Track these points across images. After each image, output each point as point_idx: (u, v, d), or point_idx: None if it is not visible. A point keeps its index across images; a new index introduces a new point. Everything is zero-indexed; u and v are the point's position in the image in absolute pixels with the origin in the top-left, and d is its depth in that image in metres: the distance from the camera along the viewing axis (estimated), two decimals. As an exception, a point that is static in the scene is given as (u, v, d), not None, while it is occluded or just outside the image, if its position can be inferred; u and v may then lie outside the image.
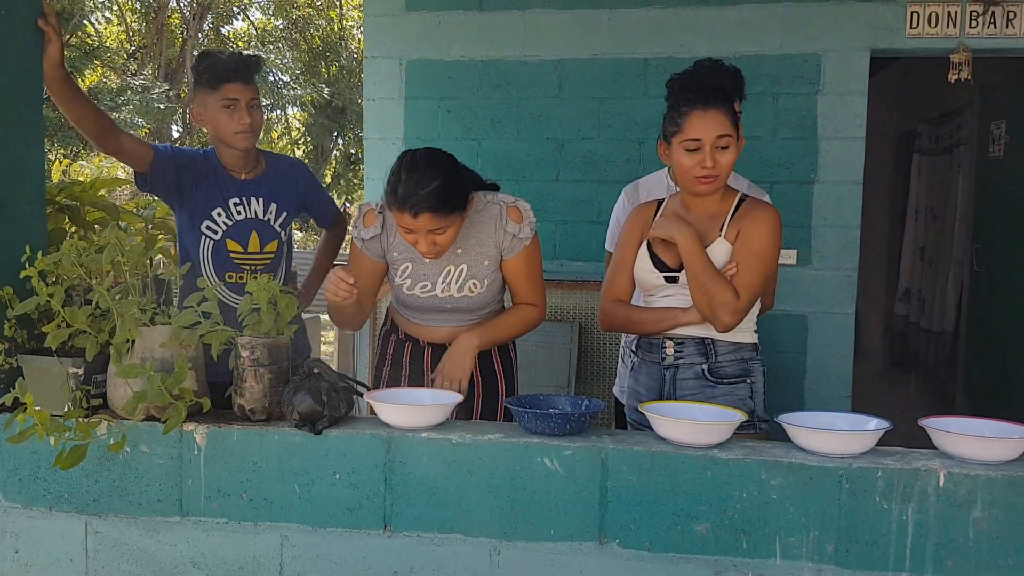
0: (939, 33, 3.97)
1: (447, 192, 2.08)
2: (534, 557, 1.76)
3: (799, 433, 1.71)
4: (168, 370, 1.84)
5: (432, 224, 2.09)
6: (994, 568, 1.61)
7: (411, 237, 2.14)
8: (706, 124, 2.11)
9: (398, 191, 2.08)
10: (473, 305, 2.32)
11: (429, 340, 2.38)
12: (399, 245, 2.28)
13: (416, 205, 2.05)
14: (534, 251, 2.31)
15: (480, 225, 2.27)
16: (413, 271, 2.29)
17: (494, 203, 2.28)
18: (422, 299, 2.31)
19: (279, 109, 17.08)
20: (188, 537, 1.89)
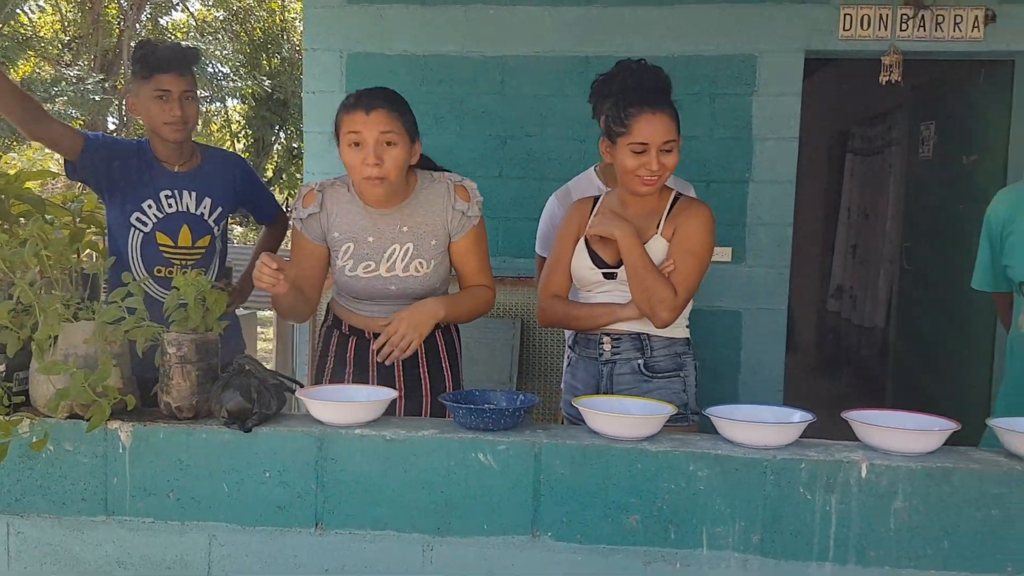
0: (871, 35, 4.06)
1: (400, 101, 2.13)
2: (467, 552, 1.77)
3: (726, 425, 1.74)
4: (92, 367, 1.79)
5: (384, 122, 2.07)
6: (914, 557, 1.66)
7: (357, 154, 2.10)
8: (654, 128, 2.15)
9: (351, 98, 2.12)
10: (419, 288, 2.27)
11: (375, 330, 2.30)
12: (340, 224, 2.24)
13: (371, 99, 2.09)
14: (482, 231, 2.31)
15: (427, 203, 2.24)
16: (355, 251, 2.24)
17: (441, 181, 2.27)
18: (365, 280, 2.25)
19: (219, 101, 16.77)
20: (114, 537, 1.85)
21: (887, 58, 4.04)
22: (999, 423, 1.74)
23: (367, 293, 2.28)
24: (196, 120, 2.63)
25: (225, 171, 2.73)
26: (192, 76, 2.60)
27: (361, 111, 2.09)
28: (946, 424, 1.72)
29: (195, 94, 2.61)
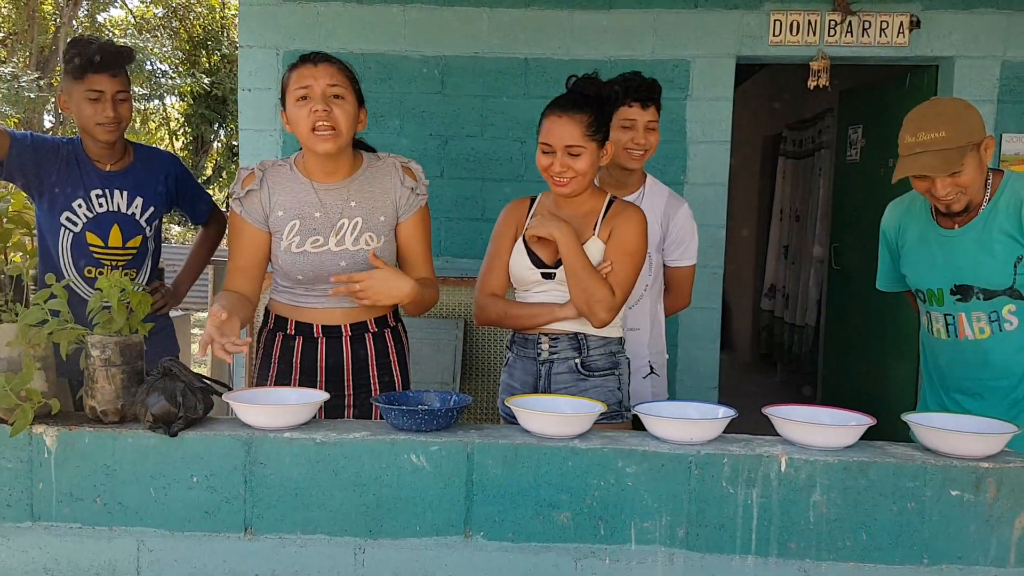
0: (800, 41, 4.17)
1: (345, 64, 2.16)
2: (400, 554, 1.77)
3: (652, 422, 1.78)
4: (15, 370, 1.76)
5: (332, 76, 2.09)
6: (833, 549, 1.71)
7: (305, 107, 2.07)
8: (557, 130, 2.20)
9: (299, 58, 2.13)
10: (369, 267, 2.16)
11: (323, 323, 2.24)
12: (284, 202, 2.18)
13: (317, 57, 2.11)
14: (427, 216, 2.32)
15: (375, 180, 2.23)
16: (302, 227, 2.18)
17: (388, 160, 2.28)
18: (313, 256, 2.17)
19: (157, 99, 16.41)
20: (40, 543, 1.81)
21: (815, 63, 4.15)
22: (913, 418, 1.81)
23: (314, 272, 2.19)
24: (129, 120, 2.60)
25: (158, 170, 2.69)
26: (126, 76, 2.57)
27: (309, 64, 2.11)
28: (862, 419, 1.78)
29: (129, 94, 2.58)
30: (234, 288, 2.21)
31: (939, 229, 2.38)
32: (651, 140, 2.62)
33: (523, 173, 4.26)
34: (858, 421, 1.78)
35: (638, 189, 2.71)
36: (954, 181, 2.22)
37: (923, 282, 2.42)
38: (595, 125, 2.21)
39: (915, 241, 2.44)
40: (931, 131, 2.18)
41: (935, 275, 2.38)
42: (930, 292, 2.40)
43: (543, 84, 4.24)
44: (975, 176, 2.23)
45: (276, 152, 4.34)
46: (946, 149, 2.17)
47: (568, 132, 2.19)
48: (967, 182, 2.22)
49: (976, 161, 2.22)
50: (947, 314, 2.37)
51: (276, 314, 2.31)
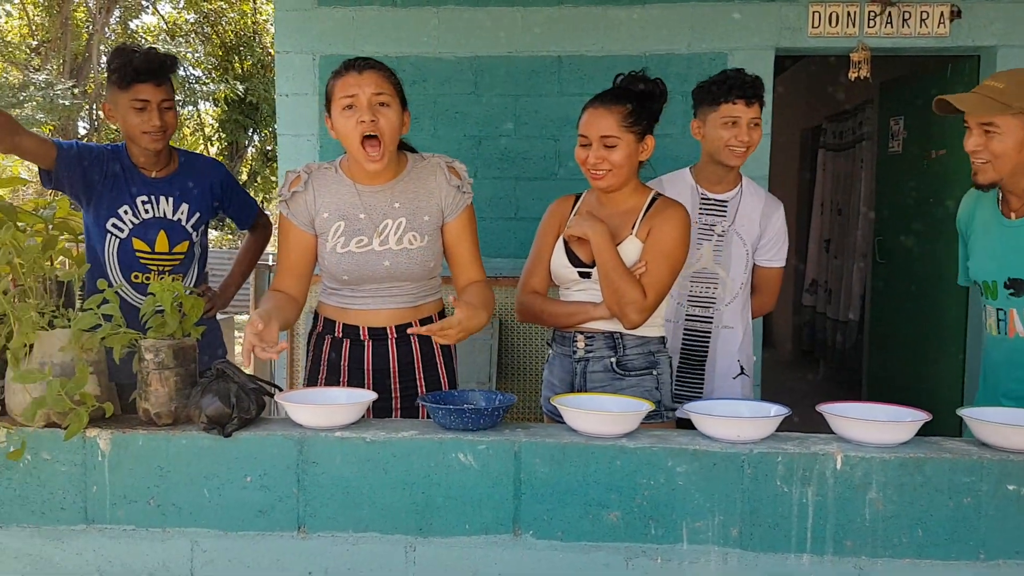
0: (839, 32, 4.12)
1: (389, 67, 2.16)
2: (450, 552, 1.77)
3: (703, 421, 1.76)
4: (68, 375, 1.78)
5: (377, 83, 2.10)
6: (889, 547, 1.69)
7: (351, 117, 2.09)
8: (593, 122, 2.22)
9: (342, 65, 2.14)
10: (412, 266, 2.21)
11: (368, 325, 2.27)
12: (329, 204, 2.21)
13: (362, 63, 2.12)
14: (474, 215, 2.32)
15: (419, 180, 2.24)
16: (347, 228, 2.20)
17: (432, 159, 2.29)
18: (358, 256, 2.19)
19: (191, 105, 16.63)
20: (94, 545, 1.83)
21: (855, 55, 4.10)
22: (968, 412, 1.78)
23: (359, 272, 2.21)
24: (175, 127, 2.63)
25: (203, 176, 2.72)
26: (170, 84, 2.60)
27: (354, 72, 2.11)
28: (917, 415, 1.75)
29: (173, 102, 2.61)
30: (281, 288, 2.25)
31: (1002, 219, 2.27)
32: (754, 137, 2.60)
33: (557, 171, 4.25)
34: (913, 417, 1.75)
35: (735, 187, 2.70)
36: (986, 144, 2.10)
37: (980, 273, 2.33)
38: (632, 117, 2.21)
39: (980, 229, 2.35)
40: (996, 80, 2.10)
41: (992, 266, 2.29)
42: (985, 284, 2.31)
43: (577, 82, 4.23)
44: (1011, 150, 2.09)
45: (314, 156, 4.37)
46: (990, 98, 2.07)
47: (604, 123, 2.20)
48: (999, 150, 2.10)
49: (1021, 134, 2.08)
50: (999, 308, 2.28)
51: (325, 317, 2.33)
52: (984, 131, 2.10)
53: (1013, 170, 2.14)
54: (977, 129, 2.11)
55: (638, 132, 2.23)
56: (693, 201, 2.66)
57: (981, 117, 2.08)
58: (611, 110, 2.21)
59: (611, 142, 2.20)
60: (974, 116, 2.10)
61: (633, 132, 2.22)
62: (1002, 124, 2.08)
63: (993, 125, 2.08)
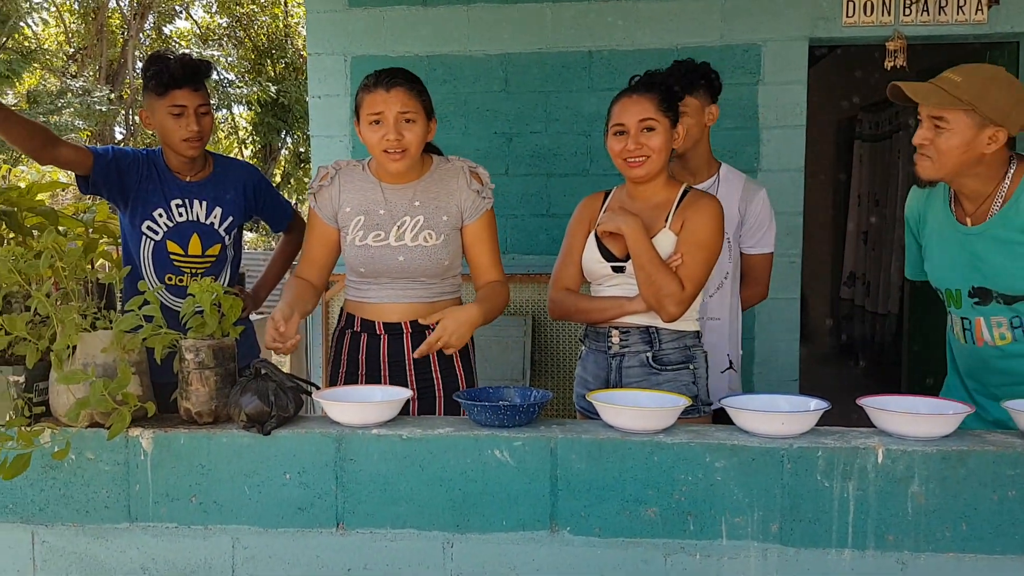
0: (874, 21, 4.06)
1: (417, 79, 2.22)
2: (487, 548, 1.78)
3: (741, 415, 1.75)
4: (111, 375, 1.81)
5: (404, 101, 2.15)
6: (932, 540, 1.66)
7: (378, 132, 2.16)
8: (628, 109, 2.22)
9: (370, 78, 2.19)
10: (426, 262, 2.27)
11: (383, 320, 2.33)
12: (352, 199, 2.30)
13: (389, 79, 2.16)
14: (493, 220, 2.35)
15: (441, 181, 2.30)
16: (366, 222, 2.29)
17: (456, 163, 2.34)
18: (375, 250, 2.27)
19: (225, 108, 16.83)
20: (137, 543, 1.87)
21: (891, 43, 4.03)
22: (1013, 405, 1.74)
23: (375, 265, 2.29)
24: (211, 132, 2.66)
25: (236, 181, 2.75)
26: (206, 90, 2.62)
27: (381, 89, 2.16)
28: (959, 407, 1.72)
29: (209, 107, 2.63)
30: (303, 275, 2.37)
31: (957, 225, 2.13)
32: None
33: (588, 167, 4.24)
34: (955, 410, 1.72)
35: (711, 177, 2.66)
36: (933, 139, 1.99)
37: (941, 281, 2.21)
38: (667, 101, 2.23)
39: (934, 234, 2.21)
40: (955, 73, 1.99)
41: (952, 275, 2.16)
42: (948, 292, 2.20)
43: (608, 76, 4.21)
44: (955, 148, 1.97)
45: (346, 157, 4.38)
46: (944, 90, 1.96)
47: (641, 108, 2.20)
48: (944, 147, 1.98)
49: (969, 134, 1.95)
50: (964, 318, 2.18)
51: (347, 312, 2.43)
52: (934, 125, 1.99)
53: (956, 170, 2.02)
54: (927, 122, 2.00)
55: (672, 118, 2.24)
56: None
57: (932, 110, 1.98)
58: (645, 96, 2.22)
59: (650, 124, 2.20)
60: (925, 107, 1.99)
61: (668, 117, 2.23)
62: (952, 120, 1.96)
63: (943, 120, 1.97)
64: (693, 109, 2.54)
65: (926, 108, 2.00)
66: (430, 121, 2.25)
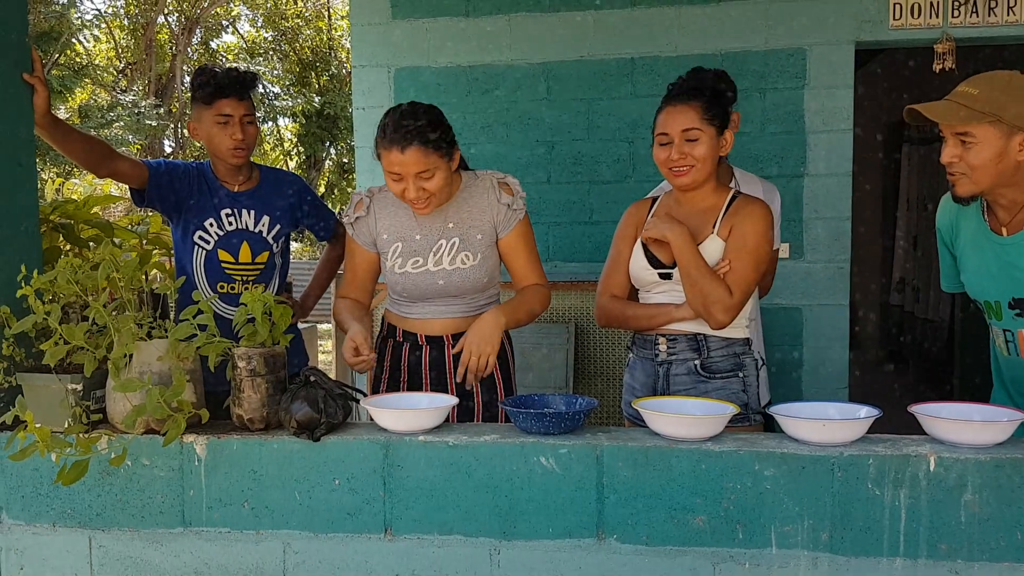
0: (922, 24, 4.00)
1: (434, 127, 2.15)
2: (534, 555, 1.79)
3: (791, 423, 1.73)
4: (166, 383, 1.86)
5: (420, 161, 2.12)
6: (986, 549, 1.63)
7: (399, 186, 2.17)
8: (672, 118, 2.20)
9: (387, 129, 2.15)
10: (465, 282, 2.32)
11: (426, 334, 2.38)
12: (388, 226, 2.33)
13: (404, 137, 2.11)
14: (528, 227, 2.36)
15: (472, 199, 2.31)
16: (404, 249, 2.32)
17: (484, 178, 2.34)
18: (415, 276, 2.32)
19: (271, 120, 17.10)
20: (191, 548, 1.91)
21: (939, 45, 3.97)
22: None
23: (417, 290, 2.34)
24: (255, 142, 2.72)
25: (282, 190, 2.81)
26: (251, 100, 2.68)
27: (396, 150, 2.13)
28: (1014, 415, 1.69)
29: (254, 117, 2.70)
30: (350, 295, 2.42)
31: (992, 235, 2.07)
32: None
33: (631, 174, 4.23)
34: (1009, 417, 1.69)
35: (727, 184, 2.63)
36: (963, 155, 1.92)
37: (980, 293, 2.14)
38: (711, 110, 2.20)
39: (968, 245, 2.15)
40: (970, 85, 1.93)
41: (992, 286, 2.09)
42: (987, 304, 2.13)
43: (650, 83, 4.20)
44: (989, 161, 1.90)
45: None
46: (964, 105, 1.89)
47: (685, 117, 2.18)
48: (976, 162, 1.90)
49: (999, 144, 1.89)
50: (1006, 330, 2.11)
51: (389, 323, 2.48)
52: (960, 141, 1.92)
53: (994, 182, 1.95)
54: (952, 139, 1.94)
55: (717, 126, 2.21)
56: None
57: (955, 127, 1.92)
58: (689, 105, 2.19)
59: (693, 135, 2.18)
60: (948, 126, 1.93)
61: (714, 125, 2.20)
62: (978, 134, 1.89)
63: (969, 135, 1.90)
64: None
65: (949, 126, 1.94)
66: (452, 156, 2.22)
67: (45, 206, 2.40)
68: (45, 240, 2.30)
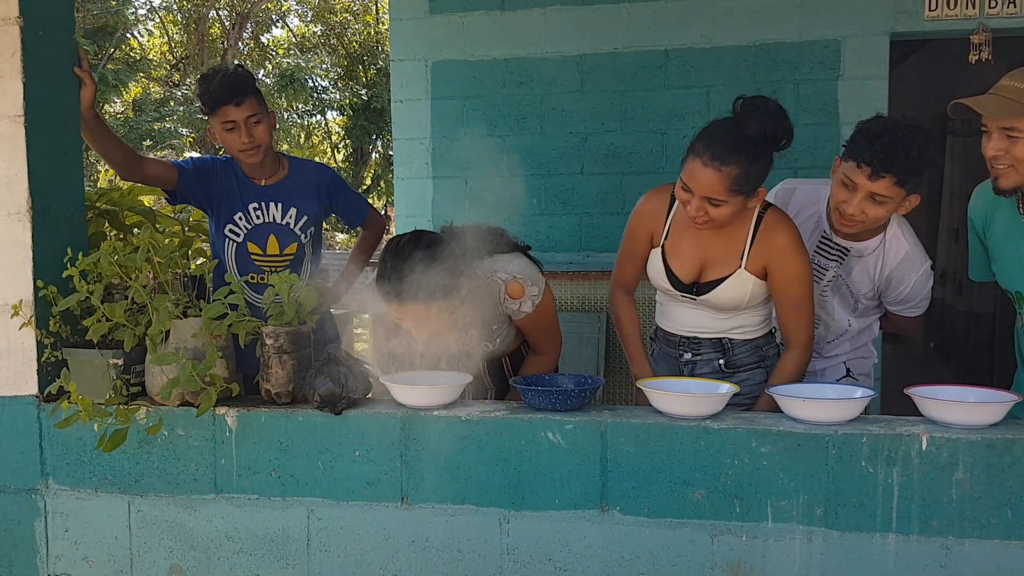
0: (958, 15, 3.98)
1: (432, 282, 2.04)
2: (541, 525, 1.87)
3: (787, 403, 1.79)
4: (200, 358, 1.98)
5: (419, 314, 2.09)
6: (977, 527, 1.68)
7: (402, 322, 2.17)
8: (696, 178, 2.00)
9: (383, 279, 2.09)
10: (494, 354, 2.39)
11: None
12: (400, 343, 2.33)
13: (400, 296, 2.06)
14: (542, 312, 2.30)
15: (482, 301, 2.23)
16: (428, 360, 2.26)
17: (494, 281, 2.24)
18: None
19: (319, 114, 17.36)
20: (222, 513, 2.03)
21: (976, 36, 3.95)
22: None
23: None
24: (268, 140, 2.73)
25: (310, 181, 2.86)
26: (254, 99, 2.68)
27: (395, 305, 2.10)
28: (1005, 396, 1.73)
29: (262, 114, 2.69)
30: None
31: None
32: (869, 213, 2.12)
33: (663, 165, 4.28)
34: (1001, 398, 1.73)
35: (875, 238, 2.29)
36: (1009, 148, 1.92)
37: (1011, 283, 2.16)
38: (743, 178, 1.97)
39: (1002, 236, 2.16)
40: (1015, 79, 1.93)
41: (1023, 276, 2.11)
42: (1018, 294, 2.15)
43: (683, 75, 4.25)
44: None
45: (427, 160, 4.55)
46: (1012, 100, 1.90)
47: (711, 184, 1.97)
48: (1022, 155, 1.91)
49: None
50: None
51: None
52: (1006, 135, 1.92)
53: None
54: (998, 133, 1.94)
55: (749, 191, 2.01)
56: (814, 229, 2.34)
57: (1003, 122, 1.92)
58: (720, 171, 1.95)
59: (716, 203, 2.00)
60: (994, 120, 1.94)
61: (743, 193, 1.99)
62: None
63: (1015, 129, 1.90)
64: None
65: (995, 121, 1.94)
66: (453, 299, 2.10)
67: (91, 193, 2.54)
68: (92, 225, 2.44)
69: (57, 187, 2.14)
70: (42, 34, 2.09)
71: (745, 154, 1.96)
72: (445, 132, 4.53)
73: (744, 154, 1.96)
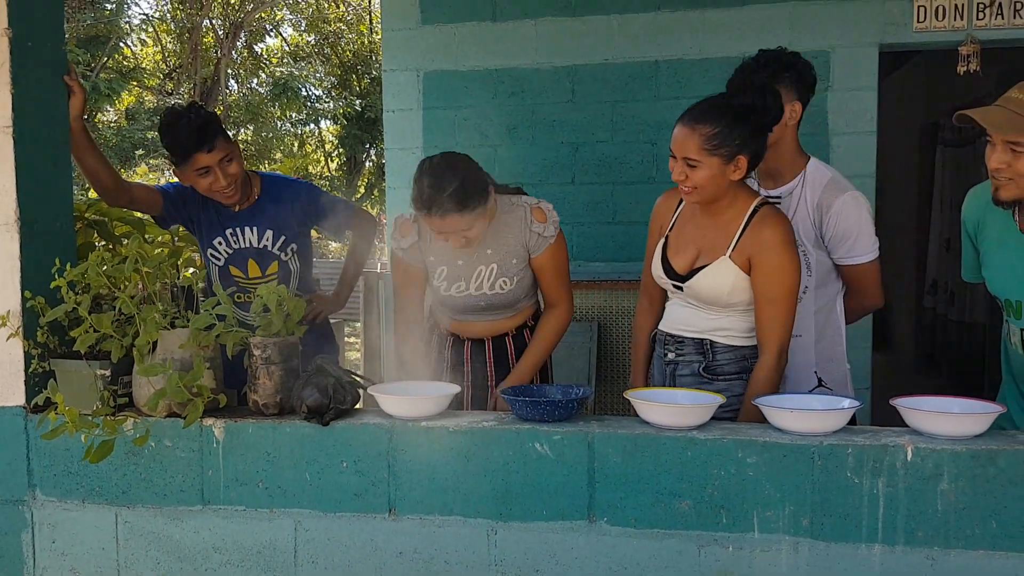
0: (947, 26, 4.01)
1: (467, 191, 2.23)
2: (529, 536, 1.87)
3: (772, 413, 1.80)
4: (187, 369, 1.98)
5: (459, 223, 2.24)
6: (962, 537, 1.68)
7: (443, 235, 2.31)
8: (677, 140, 2.10)
9: (423, 197, 2.24)
10: (505, 301, 2.48)
11: (468, 335, 2.56)
12: (435, 250, 2.45)
13: (441, 207, 2.22)
14: (559, 248, 2.45)
15: (507, 226, 2.42)
16: (449, 273, 2.45)
17: (519, 205, 2.43)
18: (458, 299, 2.47)
19: (312, 123, 17.36)
20: (209, 524, 2.03)
21: (964, 48, 3.97)
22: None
23: (461, 308, 2.51)
24: (241, 174, 2.70)
25: (284, 201, 2.82)
26: (222, 139, 2.64)
27: (436, 218, 2.25)
28: (989, 407, 1.73)
29: (232, 152, 2.66)
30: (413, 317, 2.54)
31: (1020, 235, 2.07)
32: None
33: (654, 175, 4.30)
34: (985, 409, 1.74)
35: (795, 178, 2.38)
36: (1011, 162, 1.90)
37: (1001, 291, 2.15)
38: (718, 139, 2.05)
39: (994, 242, 2.15)
40: (1020, 92, 1.91)
41: (1016, 285, 2.10)
42: (1008, 302, 2.13)
43: (674, 86, 4.27)
44: None
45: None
46: (1019, 114, 1.88)
47: (687, 144, 2.07)
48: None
49: None
50: (1023, 329, 2.11)
51: (435, 318, 2.64)
52: (1010, 149, 1.90)
53: None
54: (1002, 146, 1.91)
55: (724, 155, 2.06)
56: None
57: (1009, 135, 1.90)
58: (694, 131, 2.05)
59: (692, 163, 2.07)
60: (1000, 134, 1.92)
61: (718, 155, 2.05)
62: None
63: (1020, 144, 1.89)
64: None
65: (1001, 134, 1.93)
66: (487, 203, 2.28)
67: (80, 204, 2.54)
68: (80, 236, 2.44)
69: (45, 198, 2.14)
70: (31, 45, 2.10)
71: (722, 116, 2.06)
72: (437, 142, 4.53)
73: (721, 116, 2.06)
